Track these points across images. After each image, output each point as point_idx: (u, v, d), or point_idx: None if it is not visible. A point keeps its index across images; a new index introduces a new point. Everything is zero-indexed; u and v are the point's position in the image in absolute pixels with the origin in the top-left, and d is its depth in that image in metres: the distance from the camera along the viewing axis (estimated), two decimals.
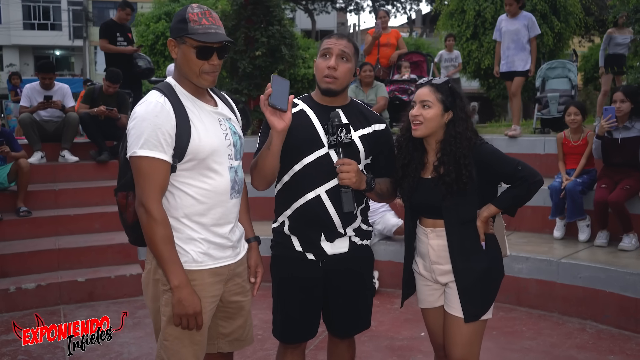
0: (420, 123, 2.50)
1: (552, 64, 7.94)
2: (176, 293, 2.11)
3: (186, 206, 2.19)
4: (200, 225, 2.21)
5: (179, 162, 2.15)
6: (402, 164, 2.60)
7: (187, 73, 2.19)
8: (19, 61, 34.04)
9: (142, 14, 17.26)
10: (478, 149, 2.50)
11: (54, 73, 7.11)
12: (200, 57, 2.14)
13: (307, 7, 31.86)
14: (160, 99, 2.13)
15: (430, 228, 2.60)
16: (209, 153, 2.18)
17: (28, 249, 5.44)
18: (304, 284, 2.58)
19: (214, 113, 2.28)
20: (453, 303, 2.56)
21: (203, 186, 2.20)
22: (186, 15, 2.14)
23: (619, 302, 4.45)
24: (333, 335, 2.76)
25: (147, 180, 2.09)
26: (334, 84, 2.48)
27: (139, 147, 2.08)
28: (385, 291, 5.36)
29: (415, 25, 37.85)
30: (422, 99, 2.52)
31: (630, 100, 5.14)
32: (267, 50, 8.75)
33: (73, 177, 6.70)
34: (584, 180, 5.31)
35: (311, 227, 2.52)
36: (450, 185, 2.46)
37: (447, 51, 10.32)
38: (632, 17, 7.35)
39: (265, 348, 4.05)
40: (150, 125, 2.08)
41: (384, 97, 7.15)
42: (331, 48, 2.48)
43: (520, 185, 2.49)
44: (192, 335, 2.22)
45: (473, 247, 2.53)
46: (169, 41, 2.21)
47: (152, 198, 2.09)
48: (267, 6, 8.88)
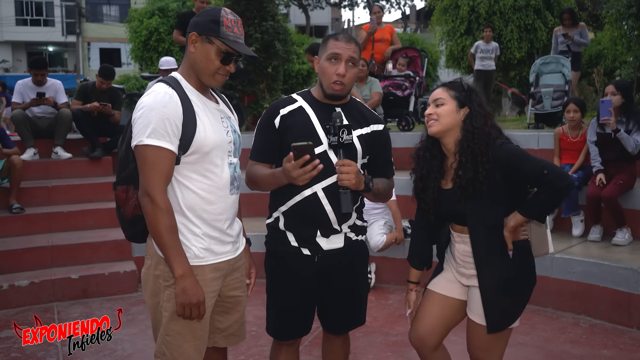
0: (435, 120, 2.46)
1: (546, 59, 7.96)
2: (180, 282, 2.12)
3: (188, 200, 2.21)
4: (201, 220, 2.23)
5: (183, 154, 2.17)
6: (421, 175, 2.54)
7: (202, 70, 2.21)
8: (11, 57, 33.87)
9: (136, 10, 17.17)
10: (498, 148, 2.37)
11: (46, 69, 7.06)
12: (223, 61, 2.21)
13: (302, 3, 31.80)
14: (168, 90, 2.15)
15: (457, 233, 2.55)
16: (212, 147, 2.21)
17: (21, 246, 5.41)
18: (299, 279, 2.57)
19: (216, 110, 2.32)
20: (476, 309, 2.49)
21: (205, 181, 2.22)
22: (220, 17, 2.18)
23: (612, 297, 4.47)
24: (327, 331, 2.76)
25: (153, 169, 2.10)
26: (342, 90, 2.48)
27: (146, 135, 2.09)
28: (381, 287, 5.37)
29: (409, 20, 37.87)
30: (435, 97, 2.49)
31: (621, 93, 5.15)
32: (260, 46, 8.73)
33: (66, 173, 6.66)
34: (579, 176, 5.33)
35: (307, 223, 2.52)
36: (466, 188, 2.37)
37: (484, 42, 10.13)
38: (625, 12, 7.35)
39: (260, 344, 4.05)
40: (158, 114, 2.09)
41: (378, 93, 7.14)
42: (341, 54, 2.44)
43: (547, 190, 2.32)
44: (195, 330, 2.23)
45: (500, 255, 2.41)
46: (190, 34, 2.21)
47: (157, 187, 2.10)
48: (260, 2, 8.86)
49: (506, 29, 12.60)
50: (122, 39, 22.73)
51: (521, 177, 2.40)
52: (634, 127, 5.11)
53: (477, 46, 10.19)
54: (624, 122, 5.13)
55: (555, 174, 2.32)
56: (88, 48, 34.60)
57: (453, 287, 2.61)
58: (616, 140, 5.06)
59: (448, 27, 13.62)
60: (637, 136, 5.07)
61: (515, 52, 12.66)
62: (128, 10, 18.89)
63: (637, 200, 5.19)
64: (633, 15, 7.32)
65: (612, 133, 5.06)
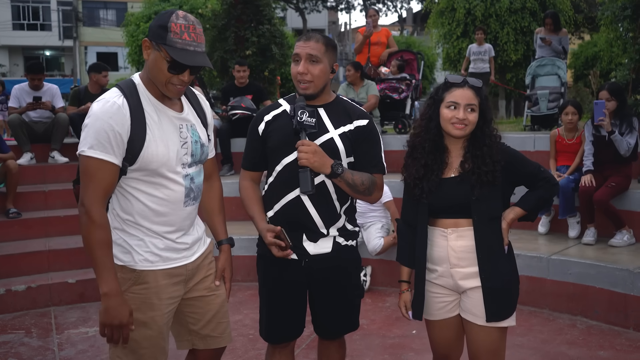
0: (466, 125, 2.41)
1: (542, 61, 7.97)
2: (104, 301, 2.05)
3: (137, 211, 2.15)
4: (150, 230, 2.18)
5: (129, 166, 2.10)
6: (424, 163, 2.48)
7: (155, 79, 2.13)
8: (8, 62, 33.84)
9: (132, 14, 17.18)
10: (505, 148, 2.49)
11: (43, 74, 7.07)
12: (172, 70, 2.08)
13: (298, 6, 31.82)
14: (118, 100, 2.07)
15: (451, 228, 2.45)
16: (161, 163, 2.12)
17: (18, 250, 5.41)
18: (287, 283, 2.56)
19: (175, 119, 2.21)
20: (476, 310, 2.44)
21: (155, 194, 2.16)
22: (169, 23, 2.04)
23: (609, 298, 4.48)
24: (319, 336, 2.75)
25: (92, 181, 2.04)
26: (309, 88, 2.46)
27: (88, 146, 2.03)
28: (377, 289, 5.37)
29: (406, 23, 37.93)
30: (469, 102, 2.41)
31: (615, 98, 5.17)
32: (257, 50, 8.76)
33: (63, 177, 6.65)
34: (576, 178, 5.33)
35: (292, 227, 2.49)
36: (481, 176, 2.38)
37: (477, 44, 10.16)
38: (620, 14, 7.36)
39: (257, 347, 4.04)
40: (102, 125, 2.02)
41: (375, 96, 7.16)
42: (299, 53, 2.45)
43: (544, 185, 2.49)
44: (149, 337, 2.19)
45: (498, 249, 2.46)
46: (144, 40, 2.12)
47: (93, 200, 2.04)
48: (257, 5, 8.88)
49: (502, 32, 12.62)
50: (119, 43, 22.75)
51: (519, 176, 2.51)
52: (626, 130, 5.13)
53: (470, 49, 10.26)
54: (617, 124, 5.15)
55: (548, 173, 2.53)
56: (85, 52, 34.59)
57: (448, 307, 2.54)
58: (610, 142, 5.07)
59: (444, 29, 13.62)
60: (629, 138, 5.09)
61: (512, 55, 12.68)
62: (125, 14, 18.90)
63: (633, 201, 5.20)
64: (628, 17, 7.33)
65: (607, 135, 5.08)
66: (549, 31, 8.26)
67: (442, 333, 2.59)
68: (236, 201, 6.82)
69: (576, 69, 18.36)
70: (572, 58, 17.91)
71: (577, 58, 18.49)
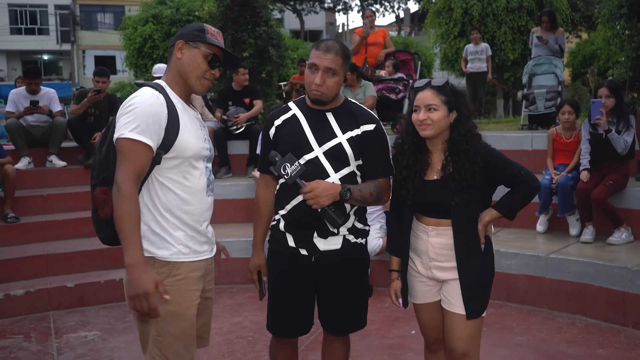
0: (429, 125, 2.49)
1: (539, 60, 7.96)
2: (129, 272, 2.12)
3: (168, 200, 2.27)
4: (180, 220, 2.29)
5: (164, 154, 2.24)
6: (406, 165, 2.58)
7: (189, 74, 2.33)
8: (6, 66, 33.84)
9: (130, 17, 17.16)
10: (486, 150, 2.53)
11: (40, 78, 7.06)
12: (211, 63, 2.34)
13: (296, 8, 31.86)
14: (155, 92, 2.25)
15: (432, 226, 2.59)
16: (193, 153, 2.30)
17: (16, 255, 5.40)
18: (297, 278, 2.63)
19: (196, 118, 2.43)
20: (455, 300, 2.56)
21: (185, 183, 2.30)
22: (204, 27, 2.37)
23: (607, 296, 4.48)
24: (327, 332, 2.79)
25: (128, 160, 2.15)
26: (322, 96, 2.54)
27: (129, 130, 2.16)
28: (376, 290, 5.35)
29: (403, 23, 37.97)
30: (427, 102, 2.49)
31: (614, 95, 5.17)
32: (254, 52, 8.76)
33: (61, 182, 6.66)
34: (574, 176, 5.33)
35: (304, 226, 2.59)
36: (461, 182, 2.46)
37: (473, 44, 10.16)
38: (617, 12, 7.38)
39: (256, 350, 4.04)
40: (142, 112, 2.17)
41: (372, 96, 7.16)
42: (318, 64, 2.51)
43: (522, 189, 2.53)
44: (184, 329, 2.27)
45: (475, 247, 2.56)
46: (177, 42, 2.33)
47: (127, 177, 2.14)
48: (253, 7, 8.88)
49: (499, 31, 12.64)
50: (116, 47, 22.68)
51: (499, 178, 2.56)
52: (623, 128, 5.13)
53: (466, 49, 10.26)
54: (614, 122, 5.16)
55: (529, 176, 2.55)
56: (83, 56, 34.57)
57: (431, 291, 2.67)
58: (608, 141, 5.07)
59: (442, 29, 13.65)
60: (626, 136, 5.10)
61: (509, 54, 12.70)
62: (122, 17, 18.88)
63: (631, 199, 5.20)
64: (624, 15, 7.35)
65: (604, 133, 5.08)
66: (546, 30, 8.26)
67: (430, 314, 2.71)
68: (235, 203, 6.87)
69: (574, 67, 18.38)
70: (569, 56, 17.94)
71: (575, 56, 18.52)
